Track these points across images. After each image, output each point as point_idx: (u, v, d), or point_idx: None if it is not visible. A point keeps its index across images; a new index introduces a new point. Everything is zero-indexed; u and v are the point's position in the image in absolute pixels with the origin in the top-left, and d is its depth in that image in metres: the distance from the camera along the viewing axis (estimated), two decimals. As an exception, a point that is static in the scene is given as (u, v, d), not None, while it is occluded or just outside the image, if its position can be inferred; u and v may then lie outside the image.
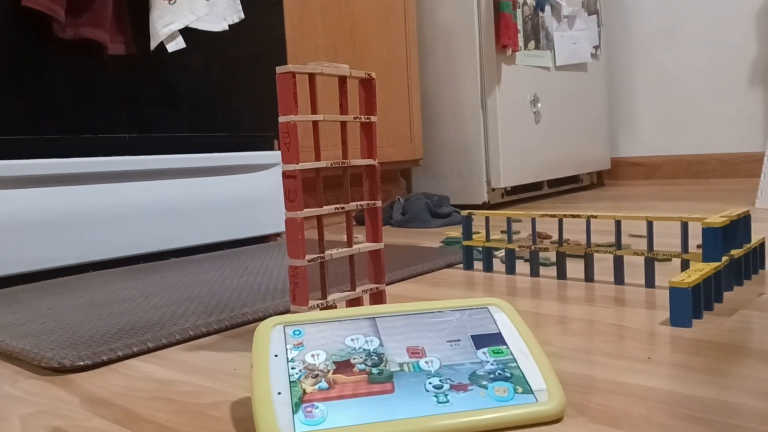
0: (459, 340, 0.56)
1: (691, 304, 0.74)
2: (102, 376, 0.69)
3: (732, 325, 0.73)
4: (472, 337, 0.56)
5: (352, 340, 0.55)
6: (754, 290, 0.89)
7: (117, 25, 1.36)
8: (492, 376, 0.52)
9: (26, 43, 1.24)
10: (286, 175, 0.68)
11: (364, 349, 0.54)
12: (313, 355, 0.53)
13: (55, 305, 1.01)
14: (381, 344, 0.54)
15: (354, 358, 0.53)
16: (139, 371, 0.70)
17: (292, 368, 0.52)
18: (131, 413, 0.58)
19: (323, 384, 0.50)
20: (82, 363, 0.71)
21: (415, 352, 0.54)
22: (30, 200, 1.24)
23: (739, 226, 0.92)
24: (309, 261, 0.69)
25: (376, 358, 0.53)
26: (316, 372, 0.51)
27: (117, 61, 1.37)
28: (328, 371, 0.52)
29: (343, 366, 0.52)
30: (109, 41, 1.33)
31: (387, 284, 0.81)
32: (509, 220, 1.11)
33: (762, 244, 1.00)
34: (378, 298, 0.79)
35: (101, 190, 1.35)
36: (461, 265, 1.19)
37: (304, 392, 0.49)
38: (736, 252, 0.89)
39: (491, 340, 0.57)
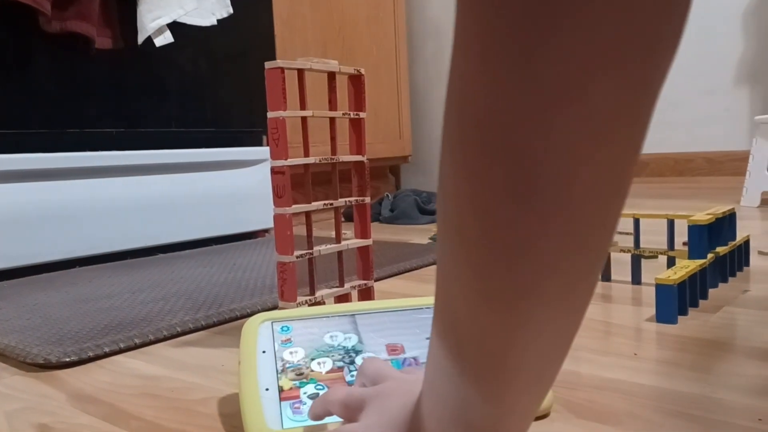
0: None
1: (676, 301, 0.74)
2: (88, 372, 0.69)
3: (717, 322, 0.74)
4: None
5: (331, 337, 0.54)
6: (738, 287, 0.90)
7: (104, 19, 1.34)
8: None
9: (12, 37, 1.23)
10: (274, 171, 0.68)
11: (343, 347, 0.54)
12: (291, 353, 0.53)
13: (41, 301, 1.00)
14: (360, 341, 0.54)
15: (332, 356, 0.53)
16: (126, 367, 0.70)
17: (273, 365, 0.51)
18: (118, 410, 0.58)
19: (301, 381, 0.50)
20: (68, 359, 0.70)
21: (394, 349, 0.54)
22: (15, 195, 1.23)
23: (725, 224, 0.93)
24: (297, 257, 0.69)
25: (354, 355, 0.53)
26: (294, 369, 0.51)
27: (104, 55, 1.36)
28: (307, 368, 0.51)
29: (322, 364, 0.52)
30: (96, 35, 1.32)
31: (375, 280, 0.81)
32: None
33: (747, 242, 1.01)
34: (366, 294, 0.79)
35: (88, 186, 1.34)
36: (449, 262, 1.19)
37: (282, 389, 0.49)
38: (721, 249, 0.90)
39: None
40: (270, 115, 0.67)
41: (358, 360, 0.52)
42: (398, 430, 0.33)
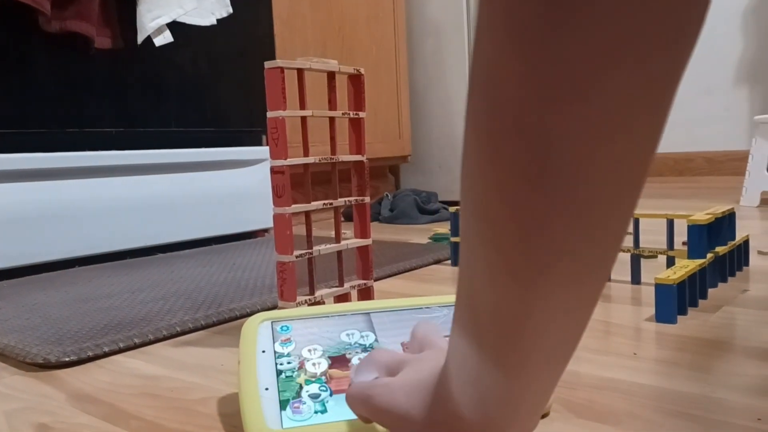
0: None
1: (676, 301, 0.74)
2: (88, 372, 0.69)
3: (716, 322, 0.74)
4: None
5: (348, 335, 0.54)
6: (738, 287, 0.90)
7: (103, 19, 1.34)
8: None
9: (11, 37, 1.23)
10: (274, 171, 0.68)
11: (360, 344, 0.54)
12: (310, 350, 0.53)
13: (41, 301, 1.00)
14: (376, 339, 0.54)
15: (349, 353, 0.53)
16: (126, 367, 0.70)
17: (289, 363, 0.51)
18: (118, 409, 0.58)
19: (319, 378, 0.50)
20: (67, 359, 0.70)
21: None
22: (15, 195, 1.23)
23: (724, 224, 0.93)
24: (297, 257, 0.69)
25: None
26: (312, 367, 0.51)
27: (103, 55, 1.36)
28: (325, 366, 0.52)
29: (339, 361, 0.52)
30: (96, 35, 1.32)
31: (375, 280, 0.81)
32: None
33: (746, 242, 1.01)
34: (366, 294, 0.79)
35: (87, 185, 1.34)
36: (449, 261, 1.19)
37: (301, 387, 0.49)
38: (720, 249, 0.90)
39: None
40: (270, 114, 0.67)
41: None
42: (424, 390, 0.34)
